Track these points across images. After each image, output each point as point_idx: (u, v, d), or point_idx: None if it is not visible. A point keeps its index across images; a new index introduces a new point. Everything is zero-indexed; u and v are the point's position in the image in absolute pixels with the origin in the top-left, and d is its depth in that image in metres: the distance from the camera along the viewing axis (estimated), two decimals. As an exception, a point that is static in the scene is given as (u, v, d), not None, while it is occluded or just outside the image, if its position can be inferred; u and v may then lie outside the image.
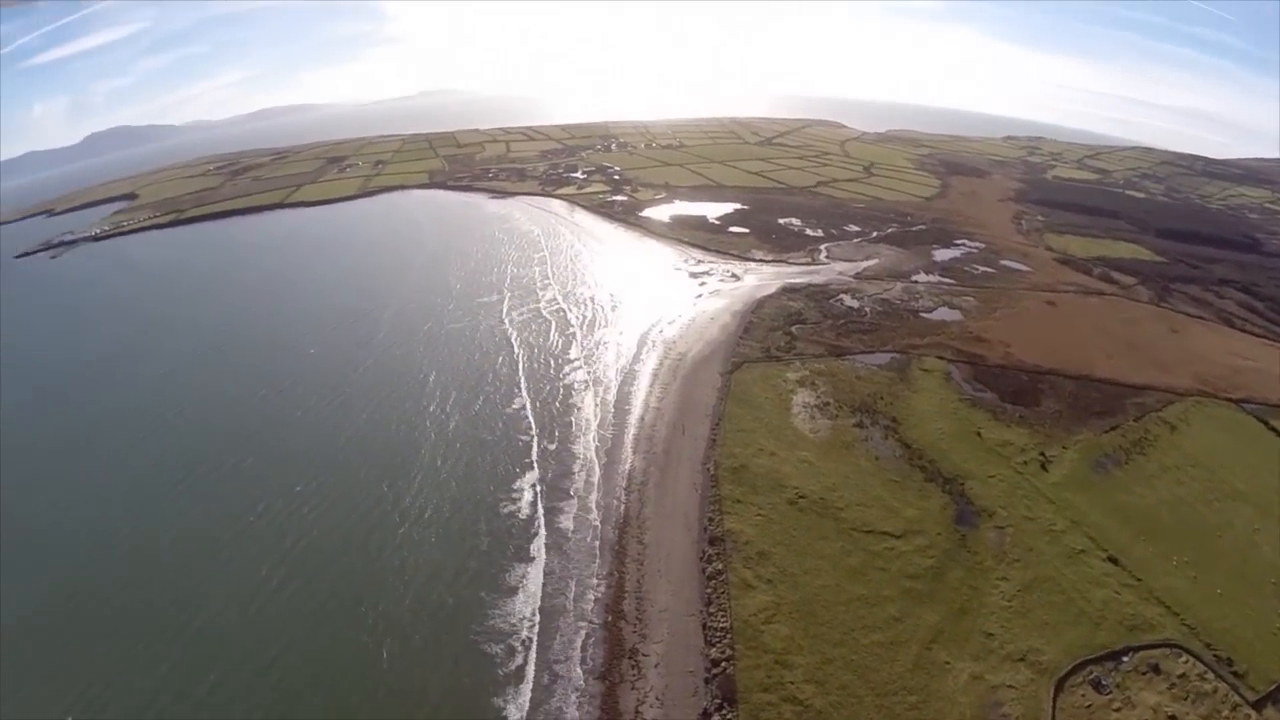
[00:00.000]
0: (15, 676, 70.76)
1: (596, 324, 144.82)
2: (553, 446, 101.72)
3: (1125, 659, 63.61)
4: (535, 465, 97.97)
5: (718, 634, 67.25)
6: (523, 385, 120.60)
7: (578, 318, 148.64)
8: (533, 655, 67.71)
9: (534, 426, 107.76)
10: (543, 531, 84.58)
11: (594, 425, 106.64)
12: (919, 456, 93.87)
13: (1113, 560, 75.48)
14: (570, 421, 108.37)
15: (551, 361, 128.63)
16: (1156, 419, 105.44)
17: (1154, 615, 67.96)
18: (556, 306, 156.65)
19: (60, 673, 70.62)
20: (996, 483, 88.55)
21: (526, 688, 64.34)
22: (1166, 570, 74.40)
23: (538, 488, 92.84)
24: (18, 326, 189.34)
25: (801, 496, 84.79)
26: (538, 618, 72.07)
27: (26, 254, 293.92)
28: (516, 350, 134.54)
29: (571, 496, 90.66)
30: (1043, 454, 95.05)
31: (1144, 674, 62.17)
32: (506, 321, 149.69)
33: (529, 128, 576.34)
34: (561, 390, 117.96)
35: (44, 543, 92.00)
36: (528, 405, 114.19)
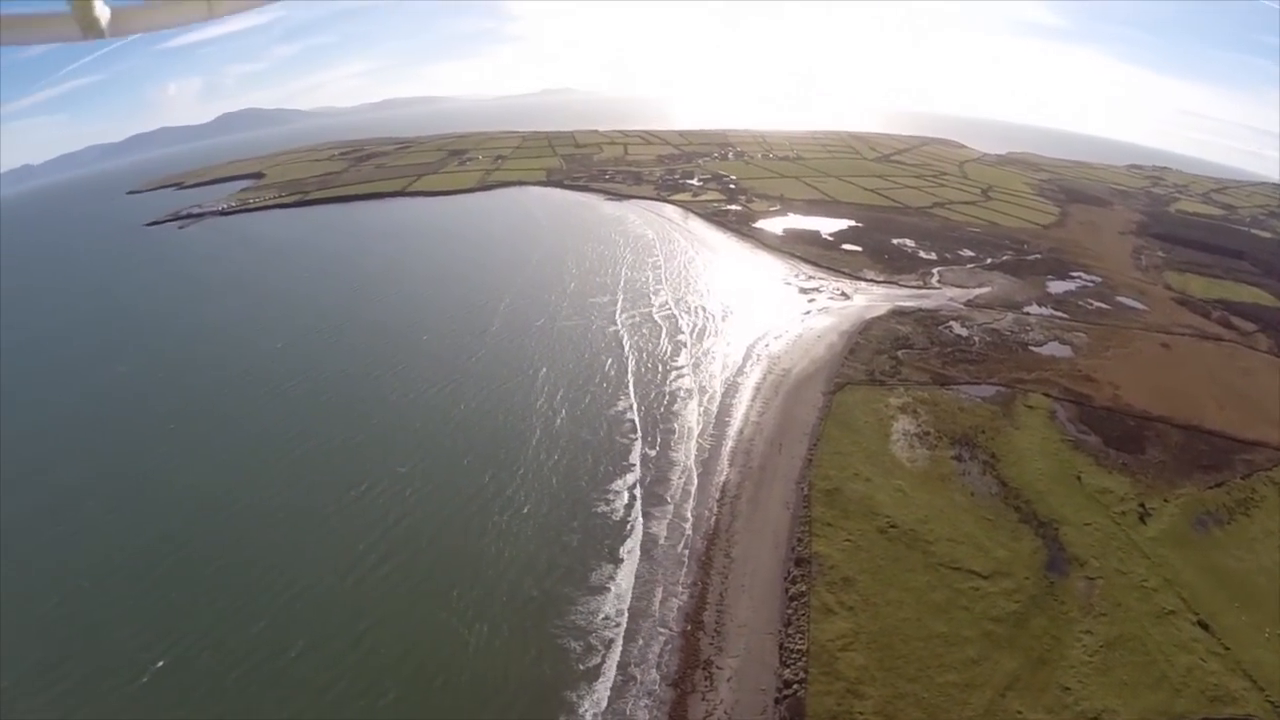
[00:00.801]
0: (113, 617, 75.84)
1: (704, 332, 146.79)
2: (653, 452, 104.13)
3: (1202, 729, 63.06)
4: (635, 469, 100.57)
5: (793, 655, 68.75)
6: (630, 388, 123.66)
7: (686, 325, 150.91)
8: (613, 656, 70.25)
9: (637, 430, 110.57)
10: (636, 535, 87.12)
11: (695, 434, 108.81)
12: (1015, 496, 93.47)
13: (1203, 625, 74.43)
14: (673, 428, 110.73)
15: (658, 366, 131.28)
16: (1265, 479, 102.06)
17: (1238, 688, 67.03)
18: (666, 312, 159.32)
19: (156, 621, 75.73)
20: (1092, 531, 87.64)
21: (602, 686, 66.94)
22: (1258, 642, 73.12)
23: (635, 491, 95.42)
24: (144, 291, 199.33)
25: (893, 526, 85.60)
26: (622, 619, 74.55)
27: (156, 223, 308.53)
28: (625, 352, 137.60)
29: (666, 503, 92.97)
30: (1142, 505, 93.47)
31: (1220, 746, 61.72)
32: (618, 323, 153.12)
33: (647, 131, 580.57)
34: (666, 396, 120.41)
35: (156, 497, 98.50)
36: (633, 408, 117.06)
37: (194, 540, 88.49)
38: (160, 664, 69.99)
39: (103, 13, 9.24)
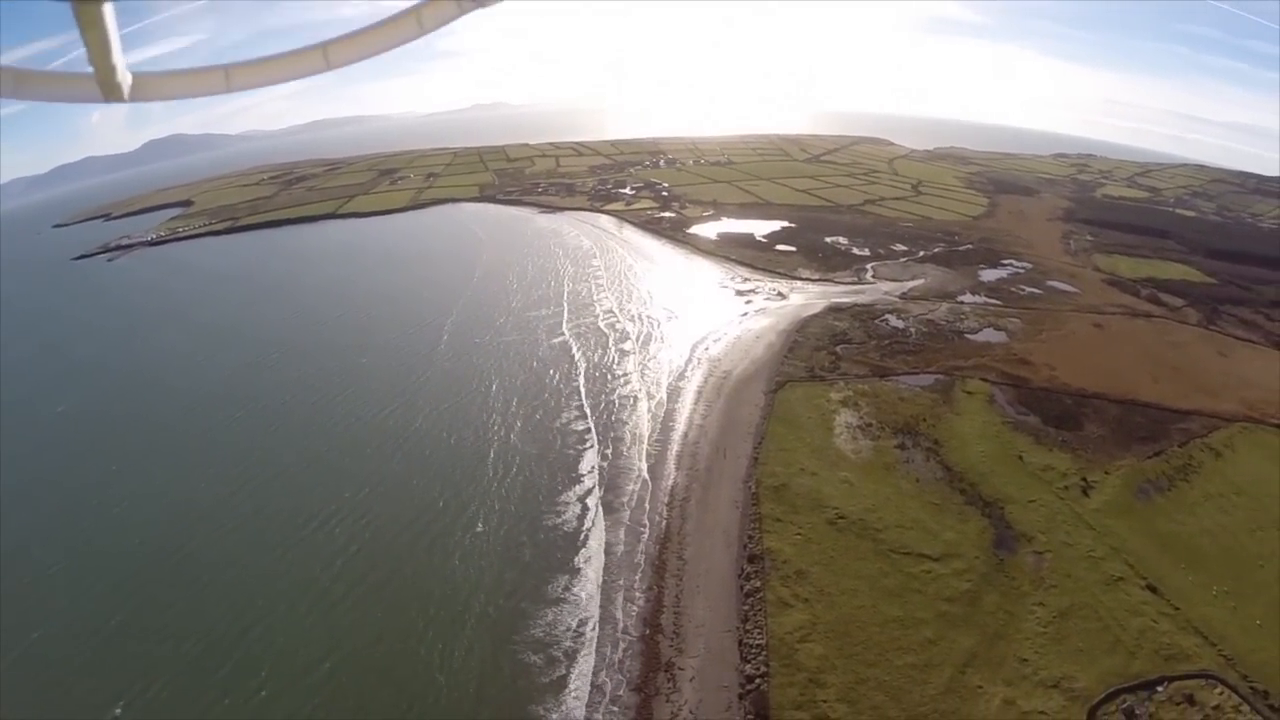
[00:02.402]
0: (67, 672, 73.40)
1: (646, 339, 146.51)
2: (605, 462, 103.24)
3: (1160, 689, 63.55)
4: (588, 479, 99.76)
5: (753, 651, 68.27)
6: (581, 397, 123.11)
7: (628, 332, 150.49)
8: (577, 666, 69.30)
9: (590, 439, 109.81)
10: (591, 545, 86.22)
11: (644, 439, 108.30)
12: (960, 479, 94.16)
13: (1151, 588, 75.36)
14: (623, 435, 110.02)
15: (605, 375, 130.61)
16: (1202, 445, 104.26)
17: (1191, 645, 67.86)
18: (608, 321, 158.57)
19: (113, 670, 72.86)
20: (1037, 507, 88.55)
21: (568, 697, 65.94)
22: (1206, 600, 74.18)
23: (589, 501, 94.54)
24: (77, 328, 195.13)
25: (841, 517, 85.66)
26: (584, 629, 73.69)
27: (84, 256, 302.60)
28: (576, 362, 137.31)
29: (620, 510, 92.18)
30: (1084, 479, 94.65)
31: (1178, 704, 62.21)
32: (565, 333, 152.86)
33: (578, 143, 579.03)
34: (615, 403, 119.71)
35: (104, 542, 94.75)
36: (586, 416, 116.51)
37: (147, 587, 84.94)
38: (118, 712, 67.94)
39: (124, 78, 9.07)
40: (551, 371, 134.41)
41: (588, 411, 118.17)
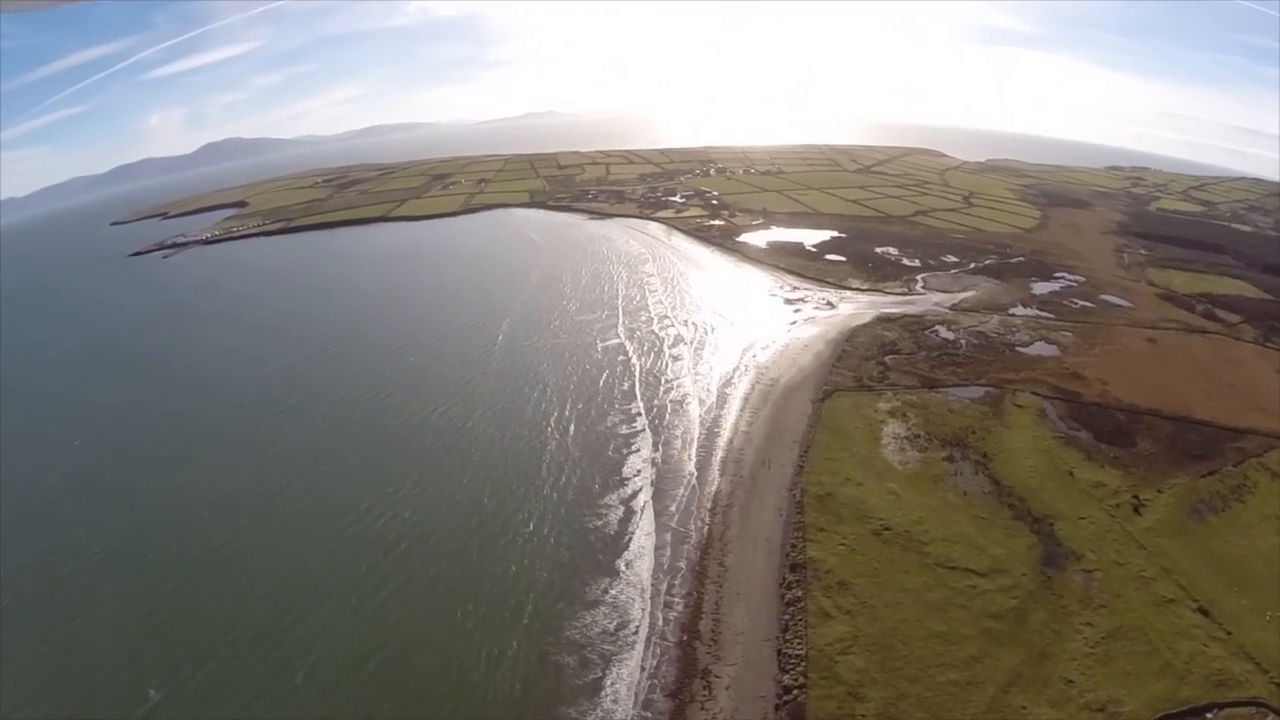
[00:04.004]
0: (110, 655, 75.12)
1: (696, 344, 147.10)
2: (654, 468, 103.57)
3: (1209, 716, 62.25)
4: (636, 482, 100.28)
5: (792, 661, 67.96)
6: (637, 400, 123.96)
7: (679, 337, 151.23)
8: (610, 669, 69.37)
9: (640, 443, 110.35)
10: (634, 549, 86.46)
11: (693, 444, 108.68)
12: (1008, 494, 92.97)
13: (1203, 611, 73.79)
14: (674, 439, 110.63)
15: (655, 379, 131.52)
16: (1257, 465, 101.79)
17: (1242, 672, 66.34)
18: (659, 326, 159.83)
19: (155, 654, 74.76)
20: (1087, 524, 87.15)
21: (601, 699, 66.08)
22: (1259, 625, 72.49)
23: (635, 505, 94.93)
24: (131, 322, 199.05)
25: (886, 528, 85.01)
26: (623, 633, 73.78)
27: (140, 253, 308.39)
28: (627, 367, 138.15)
29: (664, 515, 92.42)
30: (1136, 497, 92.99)
31: (1228, 731, 60.97)
32: (607, 340, 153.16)
33: (629, 151, 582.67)
34: (658, 409, 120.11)
35: (151, 529, 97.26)
36: (635, 419, 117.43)
37: (193, 578, 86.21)
38: (158, 696, 68.73)
39: None
40: (606, 374, 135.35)
41: (642, 412, 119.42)
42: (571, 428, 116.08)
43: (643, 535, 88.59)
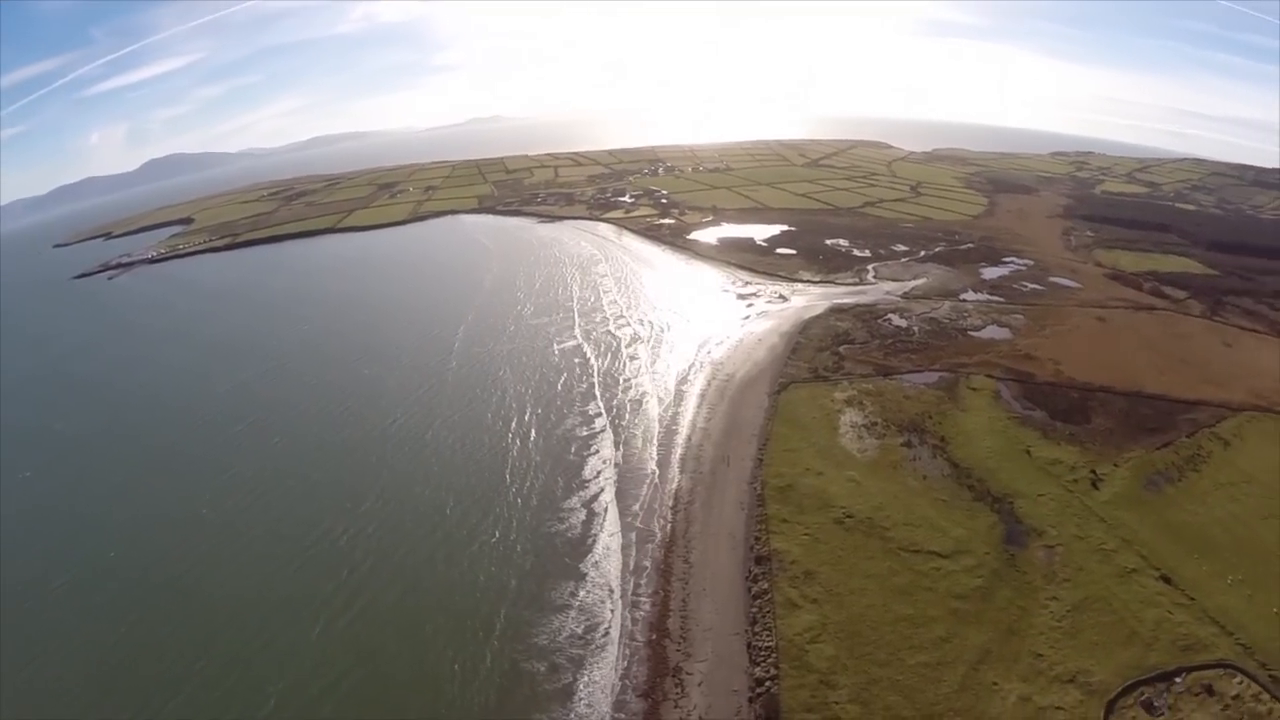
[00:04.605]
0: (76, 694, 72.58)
1: (650, 343, 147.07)
2: (613, 470, 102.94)
3: (1178, 680, 62.66)
4: (597, 483, 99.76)
5: (762, 653, 67.57)
6: (597, 402, 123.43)
7: (623, 340, 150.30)
8: (582, 673, 68.62)
9: (601, 444, 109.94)
10: (599, 550, 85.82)
11: (653, 443, 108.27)
12: (967, 475, 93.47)
13: (1165, 579, 74.47)
14: (632, 440, 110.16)
15: (607, 382, 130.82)
16: (1210, 435, 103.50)
17: (1208, 635, 66.91)
18: (614, 326, 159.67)
19: (123, 687, 72.36)
20: (1046, 501, 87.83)
21: (575, 704, 65.28)
22: (1221, 589, 73.24)
23: (596, 507, 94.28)
24: (76, 346, 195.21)
25: (849, 516, 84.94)
26: (591, 635, 73.05)
27: (84, 275, 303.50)
28: (581, 369, 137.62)
29: (628, 515, 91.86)
30: (1093, 472, 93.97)
31: (1197, 695, 61.28)
32: (563, 342, 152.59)
33: (576, 153, 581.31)
34: (617, 409, 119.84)
35: (99, 570, 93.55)
36: (596, 422, 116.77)
37: (154, 606, 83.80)
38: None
39: None
40: (564, 376, 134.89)
41: (602, 412, 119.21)
42: (532, 432, 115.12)
43: (607, 536, 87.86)
